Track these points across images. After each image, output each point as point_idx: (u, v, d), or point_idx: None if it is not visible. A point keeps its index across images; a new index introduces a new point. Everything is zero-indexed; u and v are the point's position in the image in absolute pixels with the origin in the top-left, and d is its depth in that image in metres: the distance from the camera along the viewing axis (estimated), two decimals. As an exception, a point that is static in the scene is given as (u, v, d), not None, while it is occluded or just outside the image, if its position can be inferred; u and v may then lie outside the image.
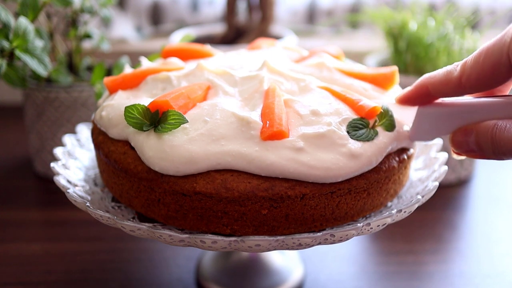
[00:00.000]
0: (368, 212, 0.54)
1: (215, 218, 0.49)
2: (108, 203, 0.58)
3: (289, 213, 0.49)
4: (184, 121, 0.49)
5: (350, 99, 0.54)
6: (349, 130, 0.51)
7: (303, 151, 0.48)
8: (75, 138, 0.68)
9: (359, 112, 0.52)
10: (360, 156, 0.49)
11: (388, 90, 0.59)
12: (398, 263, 0.71)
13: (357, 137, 0.50)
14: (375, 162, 0.50)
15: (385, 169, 0.52)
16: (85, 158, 0.66)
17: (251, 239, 0.47)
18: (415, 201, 0.51)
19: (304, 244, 0.48)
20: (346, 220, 0.52)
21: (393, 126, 0.53)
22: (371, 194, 0.52)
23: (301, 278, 0.67)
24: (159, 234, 0.48)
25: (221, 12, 1.27)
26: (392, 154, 0.53)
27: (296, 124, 0.50)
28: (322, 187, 0.48)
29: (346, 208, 0.51)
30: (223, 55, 0.66)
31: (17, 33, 0.70)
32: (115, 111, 0.55)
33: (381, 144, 0.51)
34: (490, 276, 0.68)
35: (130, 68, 0.65)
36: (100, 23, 1.21)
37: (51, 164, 0.58)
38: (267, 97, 0.53)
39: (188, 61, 0.65)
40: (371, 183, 0.51)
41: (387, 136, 0.52)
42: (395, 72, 0.59)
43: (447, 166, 0.58)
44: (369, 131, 0.51)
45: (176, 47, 0.67)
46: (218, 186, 0.47)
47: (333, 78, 0.59)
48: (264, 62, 0.58)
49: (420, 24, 0.88)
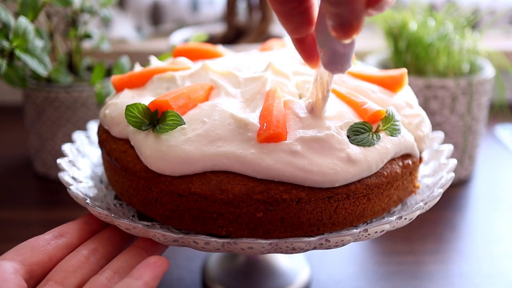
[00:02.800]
0: (369, 218, 0.52)
1: (210, 219, 0.49)
2: (111, 200, 0.58)
3: (285, 217, 0.48)
4: (181, 122, 0.49)
5: (354, 102, 0.53)
6: (349, 134, 0.50)
7: (299, 155, 0.47)
8: (85, 135, 0.69)
9: (362, 115, 0.51)
10: (359, 161, 0.48)
11: (397, 93, 0.58)
12: (398, 263, 0.71)
13: (357, 142, 0.49)
14: (375, 167, 0.49)
15: (387, 174, 0.50)
16: (95, 156, 0.66)
17: (244, 242, 0.46)
18: (417, 208, 0.50)
19: (298, 248, 0.47)
20: (345, 225, 0.51)
21: (398, 131, 0.51)
22: (372, 199, 0.51)
23: (308, 280, 0.66)
24: (153, 233, 0.47)
25: (221, 12, 1.27)
26: (396, 159, 0.52)
27: (294, 127, 0.50)
28: (319, 191, 0.47)
29: (344, 214, 0.50)
30: (232, 56, 0.66)
31: (17, 33, 0.70)
32: (118, 109, 0.55)
33: (383, 150, 0.50)
34: (490, 276, 0.68)
35: (140, 67, 0.65)
36: (100, 23, 1.21)
37: (58, 160, 0.59)
38: (267, 98, 0.52)
39: (197, 61, 0.65)
40: (371, 189, 0.50)
41: (391, 142, 0.51)
42: (404, 74, 0.58)
43: (454, 173, 0.56)
44: (370, 136, 0.50)
45: (187, 47, 0.67)
46: (213, 188, 0.47)
47: (341, 79, 0.58)
48: (269, 63, 0.58)
49: (420, 24, 0.88)
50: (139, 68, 0.64)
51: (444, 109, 0.86)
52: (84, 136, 0.68)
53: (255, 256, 0.65)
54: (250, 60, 0.63)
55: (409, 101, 0.58)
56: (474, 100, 0.86)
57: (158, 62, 0.65)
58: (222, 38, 1.09)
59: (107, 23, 1.19)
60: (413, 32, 0.88)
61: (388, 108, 0.52)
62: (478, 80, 0.85)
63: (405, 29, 0.89)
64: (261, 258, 0.66)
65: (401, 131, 0.52)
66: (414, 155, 0.54)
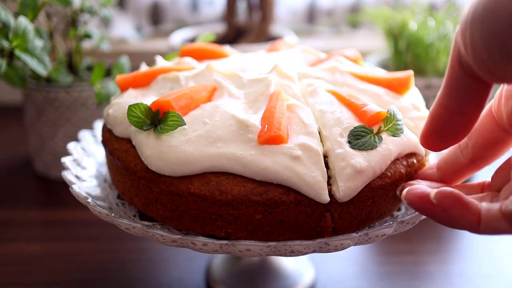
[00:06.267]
0: (376, 220, 0.51)
1: (209, 220, 0.48)
2: (113, 199, 0.58)
3: (284, 219, 0.47)
4: (182, 123, 0.49)
5: (355, 104, 0.52)
6: (350, 140, 0.48)
7: (300, 161, 0.46)
8: (91, 134, 0.69)
9: (362, 117, 0.50)
10: (364, 170, 0.47)
11: (403, 95, 0.57)
12: (398, 263, 0.71)
13: (359, 146, 0.48)
14: (379, 171, 0.48)
15: (391, 175, 0.49)
16: (100, 155, 0.66)
17: (242, 244, 0.46)
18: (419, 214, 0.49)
19: (297, 251, 0.46)
20: (350, 230, 0.50)
21: (400, 131, 0.50)
22: (377, 201, 0.50)
23: (312, 281, 0.66)
24: (152, 233, 0.47)
25: (221, 12, 1.27)
26: (400, 159, 0.51)
27: (298, 132, 0.49)
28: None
29: (349, 218, 0.49)
30: (238, 57, 0.66)
31: (17, 32, 0.70)
32: (121, 109, 0.55)
33: (386, 152, 0.49)
34: (490, 276, 0.68)
35: (146, 66, 0.65)
36: (100, 23, 1.21)
37: (62, 159, 0.59)
38: (271, 100, 0.52)
39: (203, 61, 0.64)
40: (376, 191, 0.49)
41: (393, 142, 0.49)
42: (410, 76, 0.57)
43: None
44: (372, 139, 0.48)
45: (194, 47, 0.67)
46: (212, 189, 0.47)
47: (346, 82, 0.57)
48: (275, 65, 0.57)
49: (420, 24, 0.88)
50: (145, 67, 0.64)
51: (444, 109, 0.86)
52: (90, 135, 0.69)
53: (260, 258, 0.65)
54: (256, 61, 0.63)
55: (416, 103, 0.57)
56: (474, 100, 0.86)
57: (163, 62, 0.65)
58: (222, 38, 1.09)
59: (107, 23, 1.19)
60: (413, 32, 0.88)
61: (389, 108, 0.51)
62: (478, 80, 0.85)
63: (405, 29, 0.89)
64: (266, 259, 0.65)
65: (404, 130, 0.51)
66: (419, 153, 0.53)
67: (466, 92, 0.41)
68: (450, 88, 0.41)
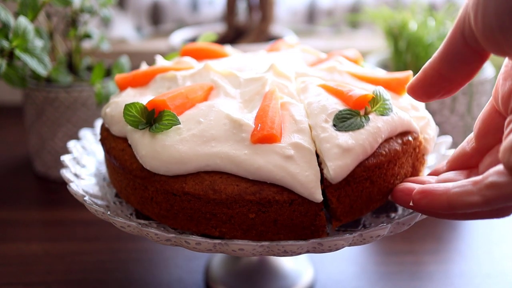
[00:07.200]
0: (378, 203, 0.51)
1: (204, 219, 0.49)
2: (111, 198, 0.58)
3: (278, 219, 0.47)
4: (176, 122, 0.49)
5: (341, 91, 0.52)
6: (335, 123, 0.48)
7: (293, 161, 0.46)
8: (92, 132, 0.69)
9: (348, 102, 0.50)
10: (352, 148, 0.47)
11: (402, 95, 0.57)
12: (398, 263, 0.71)
13: (345, 128, 0.48)
14: (370, 149, 0.48)
15: (386, 153, 0.49)
16: (101, 153, 0.66)
17: (235, 243, 0.46)
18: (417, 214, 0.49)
19: (290, 251, 0.46)
20: (353, 215, 0.49)
21: (389, 110, 0.50)
22: (376, 182, 0.49)
23: (311, 281, 0.66)
24: (147, 232, 0.48)
25: (221, 12, 1.27)
26: (394, 137, 0.51)
27: (290, 130, 0.49)
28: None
29: (349, 201, 0.48)
30: (237, 56, 0.66)
31: (16, 32, 0.70)
32: (118, 108, 0.55)
33: (374, 130, 0.48)
34: (490, 276, 0.68)
35: (146, 66, 0.65)
36: (100, 23, 1.21)
37: (61, 157, 0.59)
38: (265, 99, 0.52)
39: (203, 61, 0.65)
40: (372, 170, 0.48)
41: (382, 121, 0.49)
42: (409, 76, 0.57)
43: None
44: (359, 119, 0.48)
45: (195, 46, 0.67)
46: (206, 188, 0.47)
47: (344, 82, 0.57)
48: (272, 64, 0.58)
49: (420, 24, 0.88)
50: (145, 67, 0.64)
51: (444, 109, 0.86)
52: (91, 133, 0.69)
53: (260, 257, 0.65)
54: (255, 60, 0.63)
55: (415, 103, 0.57)
56: (474, 100, 0.86)
57: (163, 62, 0.65)
58: (222, 38, 1.09)
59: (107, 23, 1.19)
60: (413, 32, 0.88)
61: (375, 89, 0.50)
62: (478, 80, 0.85)
63: (405, 29, 0.89)
64: (265, 259, 0.65)
65: (393, 109, 0.51)
66: (413, 131, 0.53)
67: (460, 62, 0.42)
68: (445, 54, 0.42)
